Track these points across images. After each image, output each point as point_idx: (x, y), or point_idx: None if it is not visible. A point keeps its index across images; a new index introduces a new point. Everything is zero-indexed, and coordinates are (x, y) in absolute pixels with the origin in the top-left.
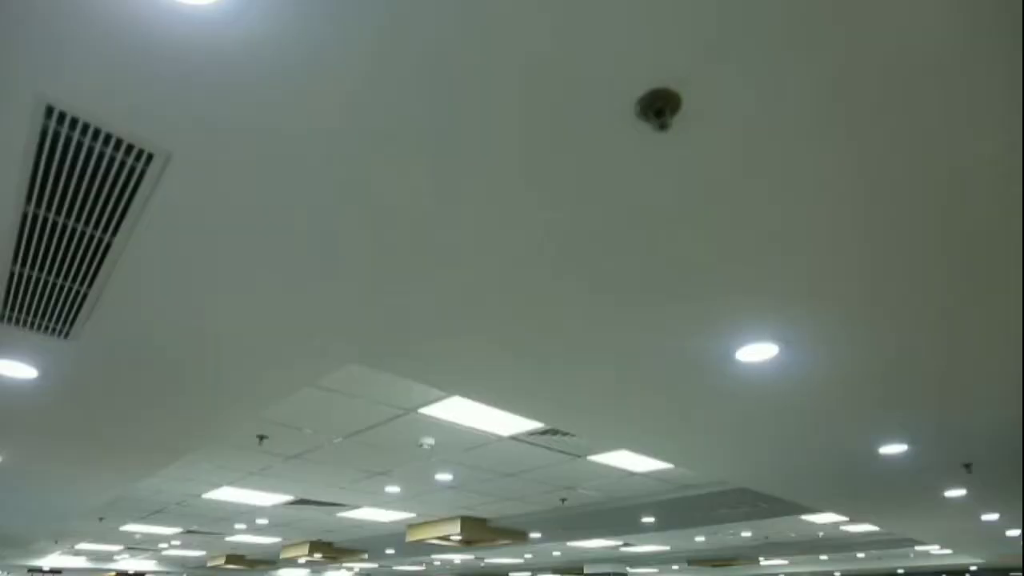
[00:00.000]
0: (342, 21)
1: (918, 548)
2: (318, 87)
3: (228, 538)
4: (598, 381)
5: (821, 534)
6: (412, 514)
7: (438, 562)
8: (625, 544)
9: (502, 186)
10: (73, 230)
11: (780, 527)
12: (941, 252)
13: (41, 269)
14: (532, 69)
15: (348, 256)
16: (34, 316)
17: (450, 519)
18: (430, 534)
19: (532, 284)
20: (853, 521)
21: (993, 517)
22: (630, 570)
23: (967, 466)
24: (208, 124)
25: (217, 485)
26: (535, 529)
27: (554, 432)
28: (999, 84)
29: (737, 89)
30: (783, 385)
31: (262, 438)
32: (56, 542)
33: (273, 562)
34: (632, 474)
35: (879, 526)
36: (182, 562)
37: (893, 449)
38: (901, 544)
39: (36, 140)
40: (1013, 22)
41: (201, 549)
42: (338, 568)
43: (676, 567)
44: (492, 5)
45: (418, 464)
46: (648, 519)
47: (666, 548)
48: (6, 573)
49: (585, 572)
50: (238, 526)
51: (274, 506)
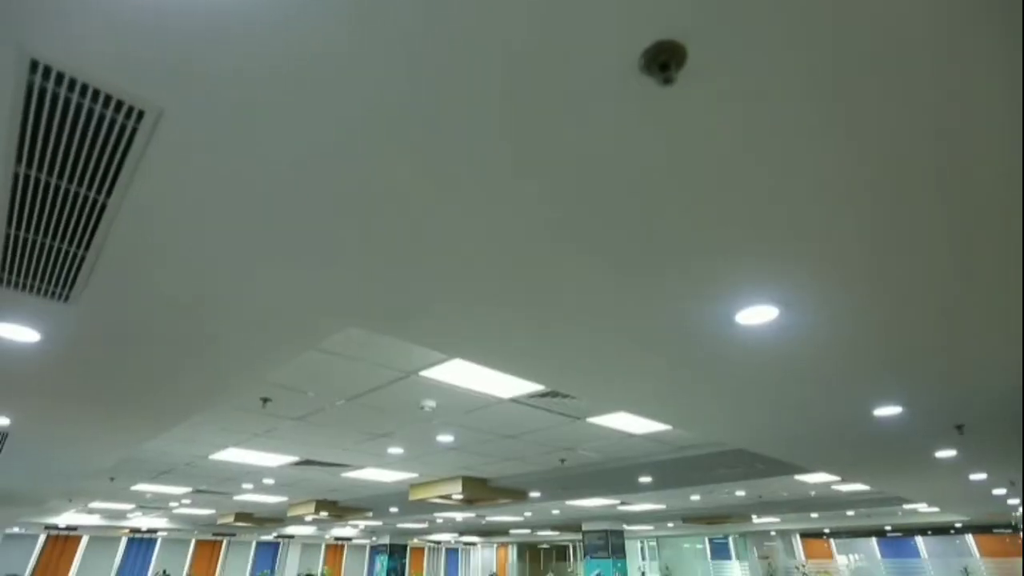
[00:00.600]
0: None
1: (906, 506)
2: (314, 29)
3: (236, 497)
4: (598, 344)
5: (813, 493)
6: (415, 474)
7: (440, 520)
8: (622, 503)
9: (501, 148)
10: (66, 191)
11: (774, 486)
12: (943, 216)
13: (36, 231)
14: (533, 21)
15: (349, 214)
16: (33, 279)
17: (452, 479)
18: (432, 493)
19: (532, 247)
20: (845, 481)
21: (981, 476)
22: (626, 527)
23: (959, 427)
24: (199, 78)
25: (223, 447)
26: (535, 489)
27: (554, 394)
28: None
29: (744, 46)
30: (783, 348)
31: (265, 401)
32: (70, 500)
33: (281, 520)
34: (631, 435)
35: (871, 485)
36: (192, 520)
37: (888, 411)
38: (890, 503)
39: (23, 96)
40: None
41: (211, 508)
42: (343, 525)
43: (671, 524)
44: None
45: (420, 426)
46: (646, 479)
47: (662, 507)
48: (24, 530)
49: (584, 529)
50: (245, 486)
51: (280, 467)
